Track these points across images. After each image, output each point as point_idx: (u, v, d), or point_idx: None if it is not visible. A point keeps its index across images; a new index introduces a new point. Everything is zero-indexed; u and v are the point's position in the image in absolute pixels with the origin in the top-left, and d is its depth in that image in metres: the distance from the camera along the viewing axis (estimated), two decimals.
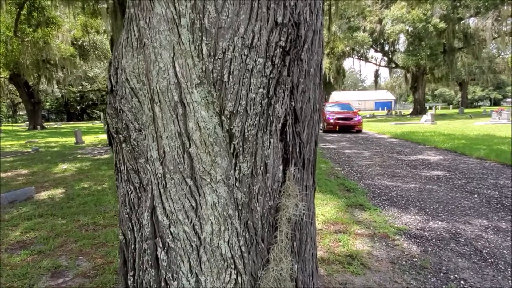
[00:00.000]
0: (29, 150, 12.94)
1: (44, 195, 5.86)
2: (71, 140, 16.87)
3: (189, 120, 1.38)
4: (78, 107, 52.70)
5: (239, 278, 1.49)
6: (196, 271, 1.50)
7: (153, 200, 1.52)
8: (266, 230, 1.51)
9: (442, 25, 24.72)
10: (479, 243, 3.43)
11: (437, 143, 11.06)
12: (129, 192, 1.60)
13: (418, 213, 4.42)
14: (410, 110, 38.20)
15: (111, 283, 2.89)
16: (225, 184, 1.44)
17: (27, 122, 34.14)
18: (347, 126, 17.22)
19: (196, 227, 1.47)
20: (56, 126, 39.40)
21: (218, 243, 1.47)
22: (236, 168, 1.43)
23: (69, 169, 8.43)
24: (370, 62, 36.94)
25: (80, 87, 44.31)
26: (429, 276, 2.85)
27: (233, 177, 1.43)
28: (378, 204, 4.88)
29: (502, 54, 44.98)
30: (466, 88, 49.98)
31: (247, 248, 1.49)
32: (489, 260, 3.08)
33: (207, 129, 1.39)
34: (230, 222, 1.46)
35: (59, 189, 6.26)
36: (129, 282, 1.64)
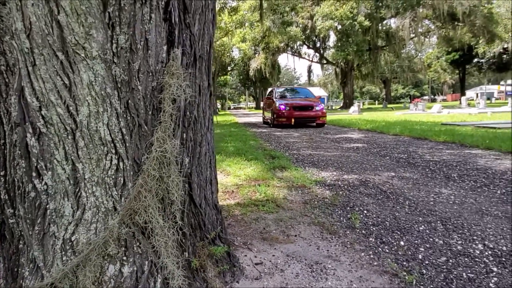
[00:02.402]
0: None
1: None
2: None
3: None
4: None
5: (120, 163, 1.41)
6: (73, 157, 1.39)
7: (21, 81, 1.37)
8: (150, 112, 1.45)
9: (367, 23, 26.42)
10: (385, 187, 3.70)
11: (360, 126, 11.79)
12: None
13: (335, 171, 4.65)
14: (341, 105, 40.37)
15: None
16: (102, 60, 1.35)
17: None
18: (306, 118, 12.43)
19: (71, 108, 1.36)
20: None
21: (96, 126, 1.38)
22: (113, 41, 1.34)
23: None
24: (303, 58, 38.29)
25: None
26: (336, 209, 3.00)
27: (110, 51, 1.35)
28: (299, 166, 5.04)
29: (420, 54, 49.47)
30: (389, 85, 54.08)
31: (129, 131, 1.41)
32: (391, 197, 3.33)
33: None
34: (109, 102, 1.37)
35: None
36: None
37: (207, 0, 1.67)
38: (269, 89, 16.51)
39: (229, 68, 51.71)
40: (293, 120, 12.28)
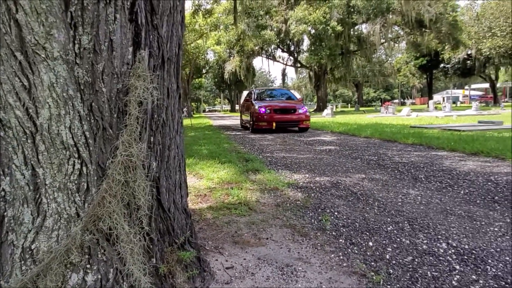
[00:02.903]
0: None
1: None
2: None
3: None
4: None
5: (84, 168, 1.37)
6: (32, 162, 1.33)
7: None
8: (115, 115, 1.41)
9: (339, 28, 26.96)
10: (355, 188, 3.77)
11: (333, 128, 12.00)
12: None
13: (307, 173, 4.70)
14: (314, 108, 40.94)
15: None
16: (63, 61, 1.30)
17: None
18: (288, 122, 11.52)
19: (31, 111, 1.31)
20: None
21: (58, 130, 1.33)
22: (76, 42, 1.30)
23: None
24: (277, 61, 38.54)
25: None
26: (308, 212, 3.03)
27: (73, 52, 1.30)
28: (273, 168, 5.06)
29: (390, 59, 51.00)
30: (361, 89, 55.45)
31: (93, 134, 1.37)
32: (361, 198, 3.40)
33: None
34: (71, 104, 1.33)
35: None
36: None
37: (176, 1, 1.65)
38: (247, 91, 15.71)
39: (204, 71, 51.42)
40: (274, 124, 11.20)
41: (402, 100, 65.60)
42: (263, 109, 11.30)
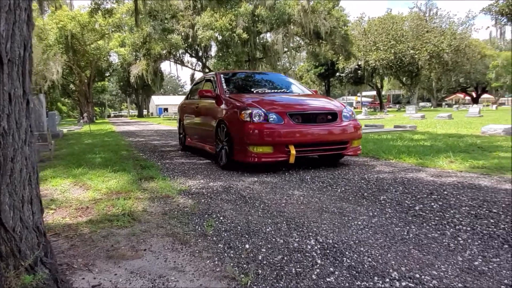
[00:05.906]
0: None
1: None
2: None
3: None
4: None
5: None
6: None
7: None
8: None
9: (245, 35, 27.76)
10: (245, 192, 3.88)
11: None
12: None
13: (203, 179, 4.69)
14: None
15: None
16: None
17: None
18: (324, 144, 4.99)
19: None
20: None
21: None
22: None
23: None
24: (186, 66, 38.06)
25: None
26: (194, 218, 3.01)
27: None
28: (169, 175, 4.94)
29: (293, 67, 54.23)
30: None
31: None
32: (249, 201, 3.51)
33: None
34: None
35: None
36: None
37: None
38: (205, 76, 7.96)
39: (107, 74, 48.22)
40: (293, 150, 4.77)
41: None
42: (262, 114, 4.87)
